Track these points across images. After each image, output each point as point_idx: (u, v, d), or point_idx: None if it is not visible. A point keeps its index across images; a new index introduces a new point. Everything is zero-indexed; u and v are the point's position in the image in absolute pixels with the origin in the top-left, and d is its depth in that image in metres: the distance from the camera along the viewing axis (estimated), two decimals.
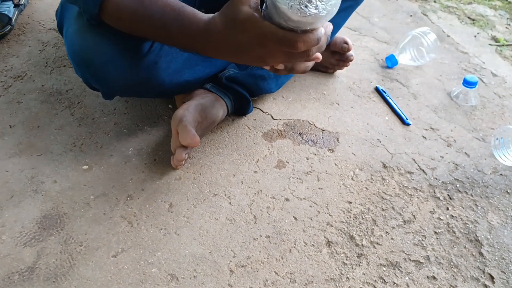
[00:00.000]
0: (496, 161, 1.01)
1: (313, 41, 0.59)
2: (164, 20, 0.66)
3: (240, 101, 1.04)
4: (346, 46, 1.16)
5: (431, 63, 1.32)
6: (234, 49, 0.63)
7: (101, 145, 0.96)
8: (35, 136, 0.98)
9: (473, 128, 1.10)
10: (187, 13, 0.66)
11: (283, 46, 0.59)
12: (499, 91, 1.24)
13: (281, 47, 0.59)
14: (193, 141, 0.84)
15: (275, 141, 1.02)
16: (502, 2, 1.81)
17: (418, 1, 1.73)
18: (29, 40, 1.27)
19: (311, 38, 0.58)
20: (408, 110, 1.14)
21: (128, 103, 1.07)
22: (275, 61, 0.63)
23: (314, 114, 1.11)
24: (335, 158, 0.99)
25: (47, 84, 1.12)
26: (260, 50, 0.61)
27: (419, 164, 0.99)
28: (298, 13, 0.55)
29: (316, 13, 0.55)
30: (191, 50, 0.69)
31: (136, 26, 0.69)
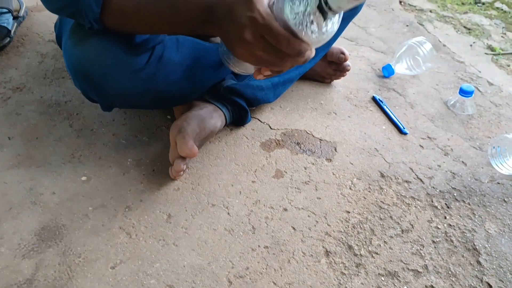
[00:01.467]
0: (493, 169, 1.01)
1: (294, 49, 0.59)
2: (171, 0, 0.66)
3: (238, 112, 1.05)
4: (343, 57, 1.17)
5: (427, 72, 1.33)
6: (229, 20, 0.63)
7: (99, 156, 0.96)
8: (34, 147, 0.98)
9: (470, 137, 1.11)
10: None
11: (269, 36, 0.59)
12: (496, 100, 1.25)
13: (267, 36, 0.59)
14: (191, 152, 0.85)
15: (273, 151, 1.02)
16: (497, 11, 1.83)
17: (414, 11, 1.75)
18: (28, 52, 1.28)
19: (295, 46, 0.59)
20: (405, 119, 1.15)
21: (126, 114, 1.08)
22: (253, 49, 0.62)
23: (312, 124, 1.11)
24: (333, 167, 0.99)
25: (46, 95, 1.12)
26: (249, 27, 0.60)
27: (416, 173, 0.99)
28: (299, 29, 0.56)
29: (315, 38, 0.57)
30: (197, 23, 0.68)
31: (141, 15, 0.69)
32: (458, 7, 1.83)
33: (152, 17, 0.68)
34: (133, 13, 0.68)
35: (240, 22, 0.61)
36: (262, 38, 0.60)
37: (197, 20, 0.67)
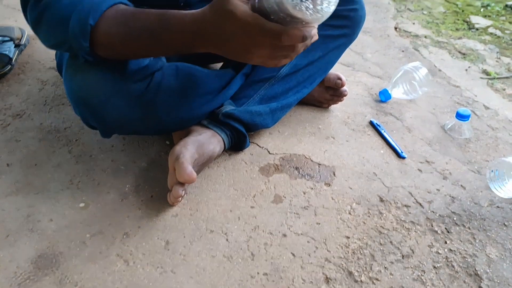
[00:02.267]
0: (492, 193, 1.01)
1: (298, 38, 0.61)
2: (151, 28, 0.68)
3: (237, 137, 1.05)
4: (340, 82, 1.19)
5: (424, 96, 1.34)
6: (221, 39, 0.65)
7: (98, 182, 0.96)
8: (33, 174, 0.98)
9: (468, 161, 1.11)
10: (171, 13, 0.68)
11: (268, 37, 0.61)
12: (492, 124, 1.26)
13: (266, 38, 0.61)
14: (190, 178, 0.85)
15: (272, 175, 1.02)
16: (491, 36, 1.86)
17: (409, 37, 1.78)
18: (28, 79, 1.29)
19: (297, 34, 0.60)
20: (403, 144, 1.15)
21: (125, 140, 1.08)
22: (259, 53, 0.64)
23: (310, 148, 1.12)
24: (332, 192, 0.99)
25: (46, 122, 1.13)
26: (246, 39, 0.62)
27: (415, 198, 0.99)
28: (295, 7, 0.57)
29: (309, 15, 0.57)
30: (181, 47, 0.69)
31: (128, 46, 0.71)
32: (452, 33, 1.87)
33: (138, 48, 0.71)
34: (120, 46, 0.71)
35: (233, 39, 0.63)
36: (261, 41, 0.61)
37: (182, 44, 0.68)
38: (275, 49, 0.63)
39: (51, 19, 0.71)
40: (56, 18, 0.70)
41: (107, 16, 0.69)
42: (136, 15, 0.70)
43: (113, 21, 0.69)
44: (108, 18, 0.69)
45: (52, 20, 0.71)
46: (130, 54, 0.74)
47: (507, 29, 1.93)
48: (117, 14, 0.70)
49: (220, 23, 0.63)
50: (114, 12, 0.70)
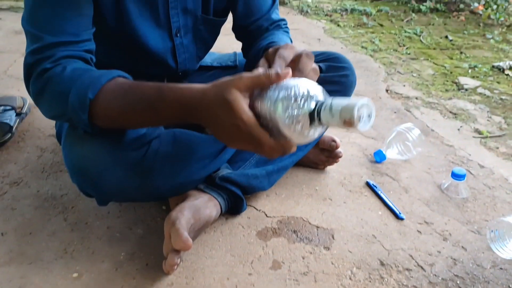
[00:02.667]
0: (494, 254, 0.99)
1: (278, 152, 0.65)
2: (149, 100, 0.70)
3: (233, 200, 1.05)
4: (334, 144, 1.21)
5: (418, 156, 1.36)
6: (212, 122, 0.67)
7: (92, 251, 0.95)
8: (27, 243, 0.96)
9: (467, 221, 1.10)
10: (167, 86, 0.71)
11: (252, 142, 0.64)
12: (488, 182, 1.26)
13: (251, 141, 0.64)
14: (186, 245, 0.83)
15: (270, 239, 1.01)
16: (480, 96, 1.92)
17: (400, 99, 1.83)
18: (28, 147, 1.31)
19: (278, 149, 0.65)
20: (400, 204, 1.15)
21: (122, 206, 1.08)
22: (242, 146, 0.68)
23: (308, 211, 1.11)
24: (332, 256, 0.97)
25: (43, 189, 1.13)
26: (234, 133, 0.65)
27: (416, 260, 0.97)
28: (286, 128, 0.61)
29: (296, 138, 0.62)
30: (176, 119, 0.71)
31: (125, 118, 0.73)
32: (443, 94, 1.92)
33: (136, 119, 0.73)
34: (118, 117, 0.73)
35: (224, 127, 0.65)
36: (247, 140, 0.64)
37: (177, 117, 0.71)
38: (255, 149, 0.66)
39: (53, 92, 0.74)
40: (57, 91, 0.73)
41: (105, 89, 0.72)
42: (133, 88, 0.72)
43: (112, 94, 0.72)
44: (106, 92, 0.72)
45: (53, 93, 0.74)
46: (127, 125, 0.76)
47: (496, 89, 2.00)
48: (115, 87, 0.73)
49: (216, 109, 0.65)
50: (113, 85, 0.73)
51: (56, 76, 0.73)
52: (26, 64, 0.77)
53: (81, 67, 0.76)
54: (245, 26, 1.09)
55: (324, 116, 0.58)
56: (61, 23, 0.77)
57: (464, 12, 3.27)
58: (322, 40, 2.58)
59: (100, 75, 0.73)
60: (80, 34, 0.79)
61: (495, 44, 2.67)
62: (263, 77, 0.64)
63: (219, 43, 1.99)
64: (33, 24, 0.78)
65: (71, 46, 0.78)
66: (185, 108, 0.68)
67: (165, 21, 0.97)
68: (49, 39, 0.76)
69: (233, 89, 0.63)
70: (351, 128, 0.56)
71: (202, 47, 1.10)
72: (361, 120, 0.55)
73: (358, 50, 2.44)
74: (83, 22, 0.81)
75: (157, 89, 0.70)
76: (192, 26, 1.02)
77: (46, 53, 0.75)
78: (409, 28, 2.91)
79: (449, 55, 2.47)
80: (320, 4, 3.49)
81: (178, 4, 0.96)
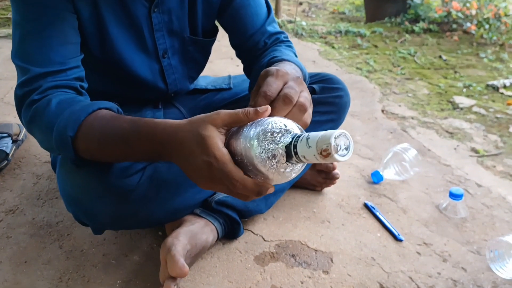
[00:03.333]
0: (494, 274, 0.98)
1: (253, 192, 0.62)
2: (124, 134, 0.70)
3: (230, 224, 1.04)
4: (331, 165, 1.20)
5: (416, 176, 1.35)
6: (183, 157, 0.64)
7: (88, 279, 0.93)
8: (22, 272, 0.95)
9: (466, 241, 1.09)
10: (143, 121, 0.69)
11: (224, 179, 0.61)
12: (487, 202, 1.26)
13: (223, 179, 0.61)
14: (182, 272, 0.82)
15: (268, 264, 1.00)
16: (476, 115, 1.93)
17: (396, 119, 1.84)
18: (23, 174, 1.31)
19: (252, 188, 0.62)
20: (399, 226, 1.14)
21: (117, 232, 1.07)
22: (213, 187, 0.65)
23: (306, 234, 1.10)
24: (331, 280, 0.96)
25: (38, 217, 1.12)
26: (204, 169, 0.62)
27: (416, 283, 0.96)
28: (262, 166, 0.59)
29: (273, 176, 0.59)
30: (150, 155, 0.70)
31: (104, 152, 0.73)
32: (438, 113, 1.94)
33: (114, 153, 0.72)
34: (98, 152, 0.73)
35: (195, 164, 0.63)
36: (219, 179, 0.62)
37: (151, 154, 0.69)
38: (228, 189, 0.64)
39: (40, 126, 0.75)
40: (43, 126, 0.74)
41: (85, 125, 0.72)
42: (110, 121, 0.72)
43: (91, 130, 0.72)
44: (86, 127, 0.72)
45: (40, 127, 0.75)
46: (106, 158, 0.76)
47: (491, 107, 2.01)
48: (94, 121, 0.72)
49: (189, 144, 0.63)
50: (92, 119, 0.72)
51: (42, 109, 0.74)
52: (16, 96, 0.78)
53: (66, 99, 0.76)
54: (241, 44, 1.06)
55: (301, 148, 0.56)
56: (48, 53, 0.78)
57: (457, 32, 3.32)
58: (317, 62, 2.61)
59: (80, 109, 0.73)
60: (67, 63, 0.80)
61: (489, 63, 2.70)
62: (240, 114, 0.63)
63: (216, 67, 2.01)
64: (21, 57, 0.79)
65: (59, 75, 0.78)
66: (157, 142, 0.67)
67: (151, 43, 0.97)
68: (36, 70, 0.76)
69: (208, 125, 0.62)
70: (327, 159, 0.53)
71: (194, 67, 1.10)
72: (338, 150, 0.53)
73: (353, 71, 2.46)
74: (70, 50, 0.82)
75: (132, 123, 0.70)
76: (179, 47, 1.02)
77: (34, 85, 0.76)
78: (403, 49, 2.95)
79: (444, 74, 2.49)
80: (315, 27, 3.54)
81: (163, 27, 0.96)
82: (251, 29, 1.03)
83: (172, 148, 0.66)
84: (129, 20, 0.92)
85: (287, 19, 3.75)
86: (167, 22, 0.96)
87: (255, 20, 1.03)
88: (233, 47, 1.09)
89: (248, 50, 1.05)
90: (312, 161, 0.56)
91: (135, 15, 0.91)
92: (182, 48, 1.03)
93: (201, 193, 0.99)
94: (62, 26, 0.80)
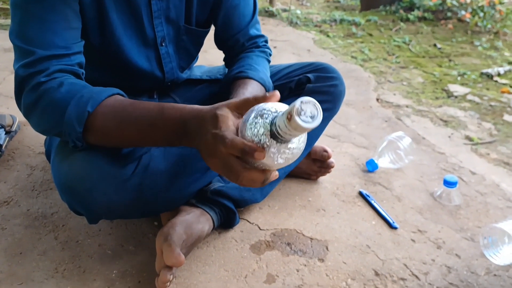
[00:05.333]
0: (488, 261, 0.99)
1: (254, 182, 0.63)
2: (150, 116, 0.72)
3: (226, 214, 1.04)
4: (326, 154, 1.21)
5: (411, 164, 1.36)
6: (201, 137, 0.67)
7: (84, 270, 0.93)
8: (17, 263, 0.95)
9: (460, 228, 1.10)
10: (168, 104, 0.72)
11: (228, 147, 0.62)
12: (480, 189, 1.27)
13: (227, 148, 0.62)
14: (178, 261, 0.83)
15: (263, 253, 1.00)
16: (470, 103, 1.93)
17: (391, 107, 1.84)
18: (17, 165, 1.30)
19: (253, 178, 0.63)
20: (393, 213, 1.15)
21: (113, 223, 1.07)
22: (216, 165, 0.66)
23: (301, 222, 1.10)
24: (326, 268, 0.97)
25: (33, 208, 1.12)
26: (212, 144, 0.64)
27: (411, 269, 0.96)
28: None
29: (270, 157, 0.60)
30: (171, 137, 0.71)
31: (123, 134, 0.74)
32: (433, 101, 1.94)
33: (133, 135, 0.73)
34: (115, 132, 0.73)
35: (205, 137, 0.65)
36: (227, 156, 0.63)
37: (174, 134, 0.71)
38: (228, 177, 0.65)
39: (47, 105, 0.74)
40: (52, 104, 0.73)
41: (105, 104, 0.73)
42: (135, 104, 0.74)
43: (111, 108, 0.73)
44: (106, 106, 0.73)
45: (48, 106, 0.74)
46: (122, 142, 0.76)
47: (485, 95, 2.02)
48: (115, 102, 0.74)
49: (205, 122, 0.66)
50: (113, 100, 0.74)
51: (53, 90, 0.73)
52: (18, 77, 0.77)
53: (78, 83, 0.77)
54: (224, 41, 1.11)
55: (278, 120, 0.56)
56: (51, 37, 0.77)
57: (451, 20, 3.32)
58: (312, 51, 2.60)
59: (100, 90, 0.75)
60: (70, 47, 0.80)
61: (483, 51, 2.70)
62: (251, 98, 0.66)
63: (211, 56, 2.00)
64: (23, 39, 0.78)
65: (64, 59, 0.78)
66: (183, 123, 0.69)
67: (150, 31, 0.97)
68: (41, 52, 0.76)
69: (224, 107, 0.67)
70: (292, 124, 0.53)
71: (185, 58, 1.10)
72: (301, 114, 0.53)
73: (348, 60, 2.46)
74: (73, 35, 0.81)
75: (159, 106, 0.72)
76: (174, 36, 1.02)
77: (39, 67, 0.75)
78: (398, 37, 2.94)
79: (438, 63, 2.49)
80: (310, 15, 3.52)
81: (162, 14, 0.97)
82: (236, 29, 1.08)
83: (193, 128, 0.68)
84: (129, 6, 0.92)
85: (282, 7, 3.72)
86: (165, 9, 0.97)
87: (242, 20, 1.08)
88: (216, 41, 1.13)
89: (227, 47, 1.12)
90: (286, 132, 0.56)
91: (135, 1, 0.91)
92: (176, 36, 1.03)
93: (196, 182, 0.99)
94: (65, 10, 0.79)
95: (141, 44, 0.98)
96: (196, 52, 1.14)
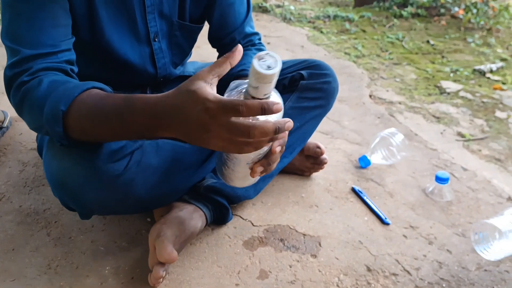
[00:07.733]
0: (479, 256, 1.00)
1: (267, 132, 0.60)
2: (117, 110, 0.68)
3: (219, 210, 1.05)
4: (319, 151, 1.21)
5: (403, 161, 1.37)
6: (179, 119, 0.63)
7: (77, 266, 0.93)
8: (10, 259, 0.95)
9: (451, 224, 1.11)
10: (136, 96, 0.68)
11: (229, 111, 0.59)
12: (472, 185, 1.28)
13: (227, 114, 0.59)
14: (170, 257, 0.83)
15: (256, 249, 1.00)
16: (462, 100, 1.95)
17: (384, 104, 1.85)
18: (9, 161, 1.29)
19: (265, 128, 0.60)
20: (386, 209, 1.16)
21: (106, 219, 1.07)
22: (218, 134, 0.61)
23: (294, 218, 1.11)
24: (319, 264, 0.97)
25: (25, 204, 1.11)
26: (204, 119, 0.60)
27: (403, 265, 0.97)
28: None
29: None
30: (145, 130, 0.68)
31: (97, 129, 0.71)
32: (425, 98, 1.95)
33: (107, 130, 0.71)
34: (90, 130, 0.71)
35: (193, 120, 0.61)
36: (225, 122, 0.60)
37: (146, 128, 0.67)
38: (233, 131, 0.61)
39: (30, 105, 0.73)
40: (34, 104, 0.73)
41: (78, 101, 0.70)
42: (104, 99, 0.71)
43: (83, 105, 0.70)
44: (79, 103, 0.70)
45: (31, 106, 0.73)
46: (99, 137, 0.74)
47: (477, 92, 2.03)
48: (87, 98, 0.71)
49: (181, 105, 0.62)
50: (85, 96, 0.71)
51: (33, 89, 0.72)
52: (5, 77, 0.77)
53: (58, 79, 0.75)
54: (219, 38, 1.10)
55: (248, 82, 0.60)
56: (38, 35, 0.77)
57: (445, 17, 3.33)
58: (305, 47, 2.60)
59: (74, 86, 0.72)
60: (58, 45, 0.79)
61: (476, 47, 2.72)
62: (220, 59, 0.64)
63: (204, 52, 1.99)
64: (11, 38, 0.77)
65: (49, 57, 0.77)
66: (152, 114, 0.65)
67: (142, 26, 0.96)
68: (26, 52, 0.75)
69: (195, 80, 0.62)
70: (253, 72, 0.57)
71: (178, 53, 1.10)
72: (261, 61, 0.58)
73: (341, 56, 2.46)
74: (61, 33, 0.80)
75: (126, 99, 0.68)
76: (167, 31, 1.02)
77: (24, 66, 0.75)
78: (391, 34, 2.94)
79: (431, 59, 2.50)
80: (303, 11, 3.51)
81: (155, 9, 0.96)
82: (231, 27, 1.07)
83: (167, 116, 0.64)
84: (121, 2, 0.91)
85: (275, 3, 3.71)
86: (158, 4, 0.96)
87: (237, 18, 1.07)
88: (210, 39, 1.12)
89: (223, 45, 1.10)
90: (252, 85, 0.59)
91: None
92: (169, 32, 1.02)
93: (189, 178, 0.99)
94: (53, 8, 0.78)
95: (134, 39, 0.97)
96: (190, 48, 1.14)
